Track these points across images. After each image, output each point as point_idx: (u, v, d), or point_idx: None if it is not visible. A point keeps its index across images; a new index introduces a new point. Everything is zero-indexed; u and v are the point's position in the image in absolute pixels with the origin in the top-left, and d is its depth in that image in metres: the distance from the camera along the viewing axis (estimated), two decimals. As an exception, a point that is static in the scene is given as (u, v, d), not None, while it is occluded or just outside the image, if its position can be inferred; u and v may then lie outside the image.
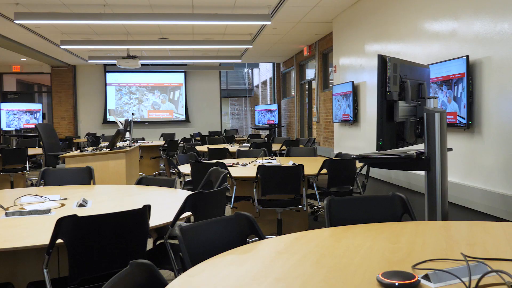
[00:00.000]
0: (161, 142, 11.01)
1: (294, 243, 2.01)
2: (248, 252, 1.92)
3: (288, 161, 5.30)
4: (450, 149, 3.16)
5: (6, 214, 2.65)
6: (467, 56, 4.21)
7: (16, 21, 7.51)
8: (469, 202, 4.24)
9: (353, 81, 7.42)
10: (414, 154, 3.00)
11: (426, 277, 1.50)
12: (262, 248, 1.97)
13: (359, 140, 7.37)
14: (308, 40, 11.01)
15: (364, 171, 5.37)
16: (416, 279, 1.46)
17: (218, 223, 2.13)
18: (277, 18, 8.27)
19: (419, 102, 3.15)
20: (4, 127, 13.58)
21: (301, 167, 4.44)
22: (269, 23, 7.82)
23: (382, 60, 2.91)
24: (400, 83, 3.01)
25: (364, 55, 7.10)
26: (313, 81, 11.90)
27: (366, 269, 1.65)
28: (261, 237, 2.12)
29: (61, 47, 10.47)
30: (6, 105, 13.69)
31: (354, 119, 7.43)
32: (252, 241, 2.11)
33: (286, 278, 1.58)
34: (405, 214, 2.52)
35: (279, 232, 4.72)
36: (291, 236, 2.12)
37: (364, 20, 7.08)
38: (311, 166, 5.04)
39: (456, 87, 4.40)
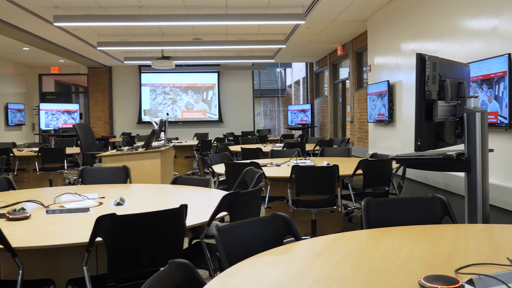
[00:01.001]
0: (195, 142, 11.10)
1: (331, 245, 1.98)
2: (285, 253, 1.91)
3: (322, 162, 5.26)
4: (491, 150, 3.06)
5: (47, 212, 2.71)
6: (509, 54, 4.08)
7: (55, 24, 7.70)
8: (511, 205, 4.11)
9: (388, 81, 7.30)
10: (454, 155, 2.93)
11: (470, 282, 1.45)
12: (299, 249, 1.96)
13: (395, 140, 7.25)
14: (342, 39, 10.90)
15: (400, 172, 5.27)
16: (460, 284, 1.42)
17: (254, 223, 2.13)
18: (311, 17, 8.22)
19: (458, 102, 3.06)
20: (43, 127, 13.96)
21: (335, 167, 4.40)
22: (303, 22, 7.78)
23: (421, 59, 2.84)
24: (439, 82, 2.94)
25: (400, 53, 6.98)
26: (347, 81, 11.78)
27: (407, 273, 1.61)
28: (298, 238, 2.11)
29: (98, 48, 10.68)
30: (45, 106, 14.06)
31: (389, 119, 7.31)
32: (288, 241, 2.10)
33: (325, 280, 1.56)
34: (445, 216, 2.45)
35: (313, 233, 4.68)
36: (328, 238, 2.10)
37: (400, 18, 6.95)
38: (346, 166, 4.98)
39: (497, 86, 4.27)
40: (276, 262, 1.78)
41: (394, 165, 4.88)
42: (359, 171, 4.57)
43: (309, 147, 8.35)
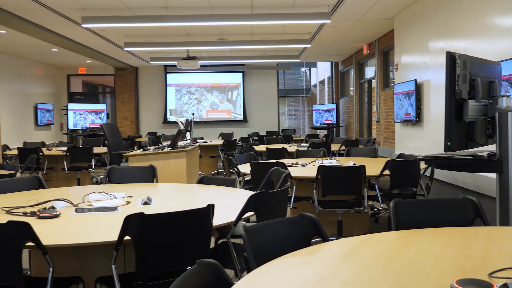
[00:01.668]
0: (220, 141, 11.14)
1: (359, 246, 1.96)
2: (312, 254, 1.89)
3: (348, 162, 5.21)
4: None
5: (76, 210, 2.75)
6: (543, 52, 3.97)
7: (83, 25, 7.82)
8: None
9: (416, 80, 7.19)
10: (485, 155, 2.86)
11: (505, 286, 1.41)
12: (327, 250, 1.94)
13: (422, 140, 7.14)
14: (368, 38, 10.79)
15: (428, 173, 5.19)
16: (494, 288, 1.38)
17: (281, 224, 2.11)
18: (336, 16, 8.16)
19: (490, 101, 2.99)
20: (71, 127, 14.21)
21: (362, 167, 4.35)
22: (328, 21, 7.72)
23: (451, 57, 2.79)
24: (470, 81, 2.88)
25: (428, 52, 6.87)
26: (373, 80, 11.66)
27: (438, 276, 1.58)
28: (325, 239, 2.09)
29: (124, 49, 10.82)
30: (73, 106, 14.32)
31: (417, 119, 7.20)
32: (315, 241, 2.08)
33: (354, 282, 1.54)
34: (476, 218, 2.40)
35: (339, 234, 4.65)
36: (356, 239, 2.07)
37: (428, 16, 6.84)
38: (372, 167, 4.93)
39: (529, 84, 4.16)
40: (304, 263, 1.77)
41: (422, 165, 4.81)
42: (386, 172, 4.51)
43: (334, 147, 8.29)
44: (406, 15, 7.86)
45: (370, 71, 12.13)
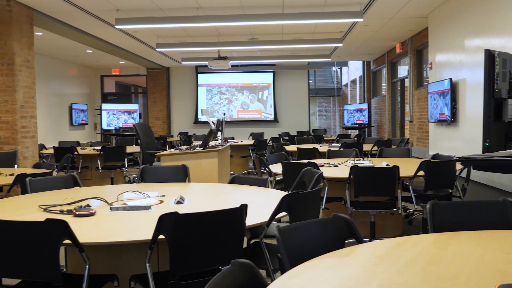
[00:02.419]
0: (250, 141, 11.15)
1: (395, 248, 1.92)
2: (347, 255, 1.86)
3: (381, 162, 5.13)
4: None
5: (111, 209, 2.79)
6: None
7: (117, 26, 7.95)
8: None
9: (451, 79, 7.03)
10: (526, 156, 2.77)
11: (550, 292, 1.35)
12: (362, 252, 1.91)
13: (458, 140, 6.98)
14: (401, 37, 10.62)
15: (464, 174, 5.06)
16: (539, 294, 1.33)
17: (315, 225, 2.09)
18: (369, 14, 8.06)
19: (531, 100, 2.90)
20: (104, 126, 14.48)
21: (396, 168, 4.28)
22: (361, 20, 7.63)
23: (490, 55, 2.71)
24: (510, 80, 2.79)
25: (464, 50, 6.71)
26: (405, 79, 11.47)
27: (478, 280, 1.53)
28: (360, 241, 2.06)
29: (157, 50, 10.95)
30: (106, 106, 14.58)
31: (452, 119, 7.04)
32: (348, 243, 2.05)
33: (390, 285, 1.50)
34: (517, 221, 2.32)
35: (372, 235, 4.58)
36: (392, 241, 2.03)
37: (464, 13, 6.68)
38: (406, 167, 4.84)
39: None
40: (338, 265, 1.74)
41: (458, 166, 4.69)
42: (420, 173, 4.42)
43: (366, 147, 8.19)
44: (440, 13, 7.70)
45: (403, 70, 11.94)
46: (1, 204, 3.08)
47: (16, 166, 6.29)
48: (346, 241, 2.11)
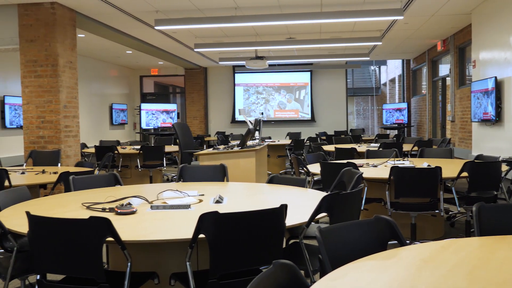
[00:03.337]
0: (287, 141, 11.11)
1: (440, 252, 1.86)
2: (390, 258, 1.82)
3: (422, 163, 5.02)
4: None
5: (151, 207, 2.82)
6: None
7: (156, 27, 8.07)
8: None
9: (496, 77, 6.81)
10: None
11: None
12: (405, 255, 1.86)
13: (503, 141, 6.75)
14: (443, 34, 10.37)
15: (510, 176, 4.89)
16: None
17: (357, 226, 2.05)
18: (409, 12, 7.89)
19: None
20: (143, 126, 14.73)
21: (438, 169, 4.17)
22: (401, 18, 7.48)
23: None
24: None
25: (510, 47, 6.48)
26: (447, 78, 11.19)
27: (531, 287, 1.47)
28: (403, 243, 2.01)
29: (195, 50, 11.05)
30: (145, 106, 14.83)
31: (496, 118, 6.82)
32: (390, 244, 2.01)
33: (437, 290, 1.46)
34: None
35: (413, 238, 4.48)
36: (436, 244, 1.98)
37: (510, 9, 6.45)
38: (448, 168, 4.71)
39: None
40: (381, 268, 1.70)
41: (503, 167, 4.53)
42: (464, 174, 4.29)
43: (406, 147, 8.02)
44: (485, 9, 7.46)
45: (444, 69, 11.65)
46: (46, 202, 3.17)
47: (59, 164, 6.47)
48: (388, 243, 2.07)
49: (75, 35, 7.66)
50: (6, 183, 4.30)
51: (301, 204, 2.95)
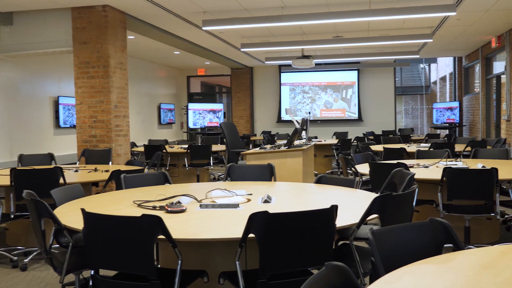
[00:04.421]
0: (334, 140, 10.99)
1: (501, 257, 1.78)
2: (446, 262, 1.76)
3: (476, 164, 4.84)
4: None
5: (200, 206, 2.84)
6: None
7: (204, 28, 8.15)
8: None
9: (555, 74, 6.48)
10: None
11: None
12: (462, 259, 1.79)
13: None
14: (497, 30, 9.97)
15: None
16: None
17: (410, 228, 1.99)
18: (462, 7, 7.63)
19: None
20: (191, 125, 14.94)
21: (494, 170, 4.00)
22: (453, 14, 7.24)
23: None
24: None
25: None
26: (502, 76, 10.75)
27: None
28: (460, 247, 1.93)
29: (241, 50, 11.10)
30: (192, 105, 15.03)
31: (556, 117, 6.49)
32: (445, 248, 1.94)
33: (499, 298, 1.39)
34: None
35: (467, 241, 4.32)
36: (494, 249, 1.89)
37: None
38: (504, 169, 4.52)
39: None
40: (438, 272, 1.64)
41: None
42: (522, 175, 4.11)
43: (458, 147, 7.77)
44: (544, 3, 7.12)
45: (499, 66, 11.21)
46: (98, 199, 3.26)
47: (110, 162, 6.65)
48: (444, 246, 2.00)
49: (126, 37, 7.84)
50: (61, 181, 4.45)
51: (350, 205, 2.90)
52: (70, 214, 2.73)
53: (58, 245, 2.83)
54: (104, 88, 7.30)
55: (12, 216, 4.45)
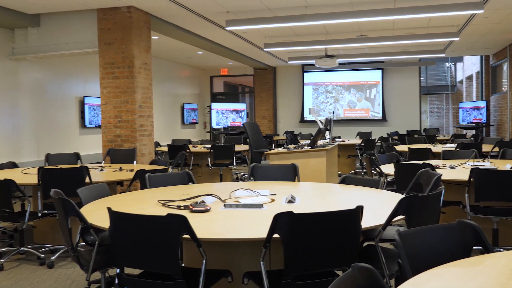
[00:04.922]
0: (358, 141, 10.90)
1: (532, 261, 1.73)
2: (476, 265, 1.72)
3: (504, 164, 4.74)
4: None
5: (224, 206, 2.85)
6: None
7: (227, 28, 8.17)
8: None
9: None
10: None
11: None
12: (492, 263, 1.74)
13: None
14: (526, 28, 9.75)
15: None
16: None
17: (438, 230, 1.96)
18: (490, 5, 7.48)
19: None
20: (214, 125, 15.00)
21: (523, 171, 3.91)
22: (481, 11, 7.10)
23: None
24: None
25: None
26: (531, 74, 10.51)
27: None
28: (490, 250, 1.89)
29: (264, 50, 11.09)
30: (215, 105, 15.09)
31: None
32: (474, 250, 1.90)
33: (532, 302, 1.35)
34: None
35: (495, 244, 4.23)
36: (527, 252, 1.84)
37: None
38: (535, 170, 4.40)
39: None
40: (467, 275, 1.61)
41: None
42: (553, 177, 4.00)
43: (486, 148, 7.62)
44: None
45: (527, 65, 10.95)
46: (124, 198, 3.29)
47: (135, 162, 6.71)
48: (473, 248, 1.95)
49: (150, 38, 7.91)
50: (87, 180, 4.51)
51: (375, 206, 2.86)
52: (96, 213, 2.76)
53: (84, 243, 2.87)
54: (129, 88, 7.38)
55: (39, 214, 4.53)
